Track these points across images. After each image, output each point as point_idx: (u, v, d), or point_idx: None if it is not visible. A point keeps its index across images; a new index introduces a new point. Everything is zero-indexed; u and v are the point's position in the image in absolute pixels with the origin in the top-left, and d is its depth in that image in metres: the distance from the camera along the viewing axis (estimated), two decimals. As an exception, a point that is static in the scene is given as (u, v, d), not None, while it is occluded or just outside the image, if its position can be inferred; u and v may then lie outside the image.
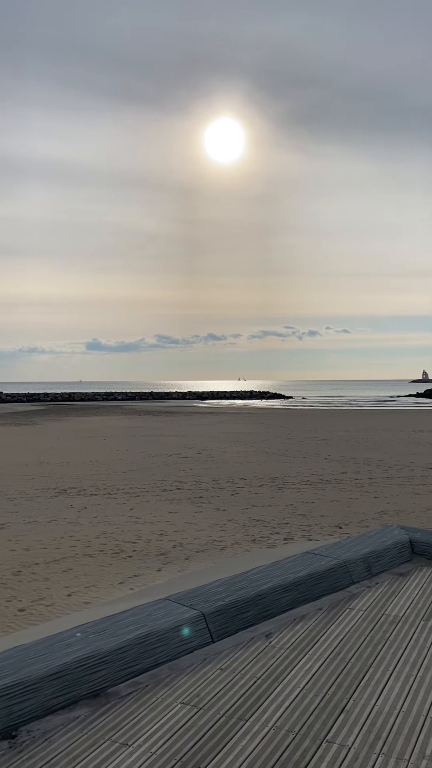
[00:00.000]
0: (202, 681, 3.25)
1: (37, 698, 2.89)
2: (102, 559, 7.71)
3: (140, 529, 9.34)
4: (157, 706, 3.00)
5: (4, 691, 2.80)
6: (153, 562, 7.61)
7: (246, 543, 8.51)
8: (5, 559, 7.70)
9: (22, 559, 7.70)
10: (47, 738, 2.73)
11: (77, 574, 7.09)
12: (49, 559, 7.72)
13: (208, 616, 3.76)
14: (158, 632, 3.50)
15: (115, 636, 3.39)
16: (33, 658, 3.09)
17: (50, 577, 7.00)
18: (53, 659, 3.10)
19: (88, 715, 2.92)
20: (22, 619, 5.72)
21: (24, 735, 2.74)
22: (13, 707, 2.80)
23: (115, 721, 2.87)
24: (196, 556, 7.84)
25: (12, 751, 2.63)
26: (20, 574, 7.09)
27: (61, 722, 2.86)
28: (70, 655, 3.15)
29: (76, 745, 2.67)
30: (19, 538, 8.79)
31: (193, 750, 2.65)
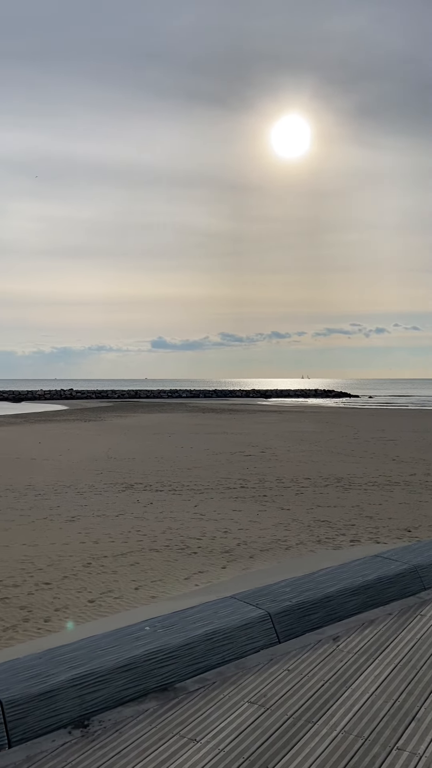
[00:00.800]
0: (269, 681, 3.24)
1: (107, 689, 2.96)
2: (168, 555, 7.82)
3: (205, 526, 9.41)
4: (225, 704, 3.02)
5: (77, 680, 2.89)
6: (218, 559, 7.66)
7: (311, 543, 8.43)
8: (76, 551, 7.93)
9: (91, 552, 7.91)
10: (118, 729, 2.80)
11: (144, 568, 7.22)
12: (117, 552, 7.90)
13: (275, 616, 3.75)
14: (225, 630, 3.52)
15: (182, 632, 3.44)
16: (104, 650, 3.17)
17: (118, 570, 7.16)
18: (123, 651, 3.17)
19: (156, 708, 2.97)
20: (92, 610, 5.87)
21: (96, 725, 2.81)
22: (86, 697, 2.88)
23: (183, 716, 2.91)
24: (261, 555, 7.83)
25: (84, 740, 2.71)
26: (90, 566, 7.28)
27: (130, 714, 2.92)
28: (139, 648, 3.21)
29: (145, 738, 2.72)
30: (89, 531, 9.03)
31: (260, 750, 2.65)
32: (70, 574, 6.99)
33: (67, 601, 6.15)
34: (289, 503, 11.21)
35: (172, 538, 8.66)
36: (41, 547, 8.13)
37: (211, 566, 7.36)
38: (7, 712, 2.65)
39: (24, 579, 6.82)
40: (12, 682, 2.80)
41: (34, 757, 2.57)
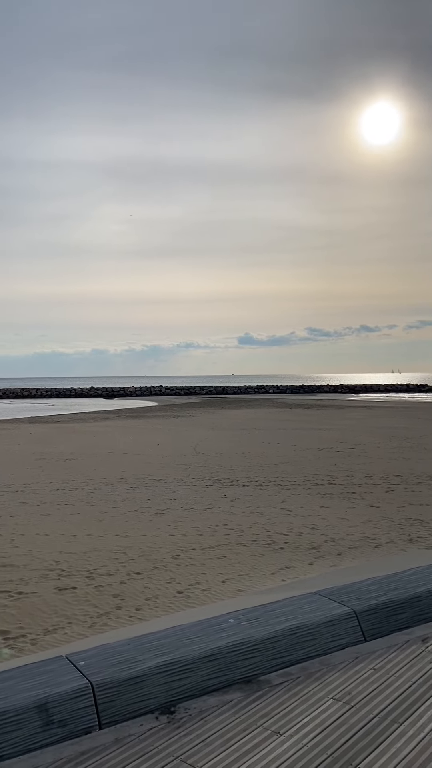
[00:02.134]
0: (355, 679, 3.21)
1: (193, 678, 3.04)
2: (255, 549, 7.86)
3: (292, 521, 9.38)
4: (309, 699, 3.01)
5: (163, 667, 2.98)
6: (305, 555, 7.62)
7: (402, 542, 8.20)
8: (165, 543, 8.14)
9: (180, 544, 8.09)
10: (203, 717, 2.86)
11: (231, 562, 7.30)
12: (204, 545, 8.03)
13: (360, 614, 3.70)
14: (309, 625, 3.51)
15: (266, 625, 3.46)
16: (189, 639, 3.25)
17: (206, 562, 7.29)
18: (208, 642, 3.24)
19: (240, 699, 3.02)
20: (180, 601, 6.01)
21: (182, 712, 2.89)
22: (172, 684, 2.97)
23: (266, 709, 2.93)
24: (349, 553, 7.71)
25: (170, 726, 2.79)
26: (179, 558, 7.45)
27: (215, 704, 2.98)
28: (223, 639, 3.27)
29: (229, 728, 2.77)
30: (178, 523, 9.23)
31: (345, 747, 2.63)
32: (159, 565, 7.19)
33: (156, 591, 6.33)
34: (379, 501, 10.95)
35: (259, 533, 8.70)
36: (133, 539, 8.41)
37: (298, 562, 7.34)
38: (98, 695, 2.78)
39: (117, 568, 7.09)
40: (102, 666, 2.94)
41: (122, 739, 2.68)
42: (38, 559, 7.49)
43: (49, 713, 2.64)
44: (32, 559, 7.53)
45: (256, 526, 9.10)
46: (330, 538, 8.42)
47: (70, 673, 2.87)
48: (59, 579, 6.74)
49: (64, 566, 7.21)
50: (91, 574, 6.89)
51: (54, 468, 15.55)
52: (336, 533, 8.66)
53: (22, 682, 2.78)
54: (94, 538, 8.47)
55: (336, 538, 8.38)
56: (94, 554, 7.70)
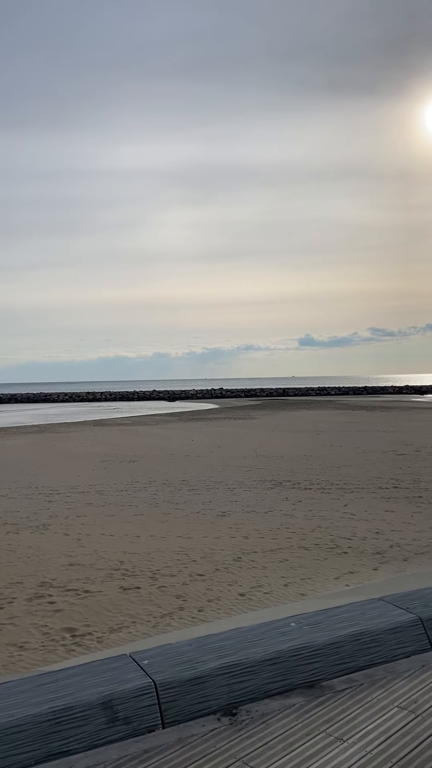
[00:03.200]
0: (421, 688, 3.12)
1: (254, 681, 3.04)
2: (317, 553, 7.78)
3: (355, 525, 9.22)
4: (373, 706, 2.96)
5: (225, 669, 3.00)
6: (369, 560, 7.47)
7: (471, 548, 7.92)
8: (227, 545, 8.16)
9: (241, 546, 8.10)
10: (265, 721, 2.86)
11: (293, 566, 7.25)
12: (266, 548, 8.01)
13: (427, 621, 3.60)
14: (373, 632, 3.44)
15: (329, 630, 3.42)
16: (251, 642, 3.25)
17: (268, 565, 7.26)
18: (269, 645, 3.23)
19: (303, 704, 3.00)
20: (243, 604, 6.02)
21: (243, 714, 2.90)
22: (234, 686, 2.98)
23: (329, 715, 2.90)
24: (416, 559, 7.51)
25: (232, 728, 2.80)
26: (240, 561, 7.46)
27: (277, 707, 2.97)
28: (285, 643, 3.26)
29: (291, 732, 2.76)
30: (239, 526, 9.24)
31: (410, 756, 2.57)
32: (221, 567, 7.21)
33: (219, 593, 6.36)
34: (446, 504, 10.62)
35: (322, 536, 8.60)
36: (195, 540, 8.48)
37: (362, 567, 7.21)
38: (161, 694, 2.82)
39: (179, 569, 7.16)
40: (165, 666, 2.98)
41: (185, 739, 2.71)
42: (103, 559, 7.67)
43: (114, 710, 2.70)
44: (98, 558, 7.71)
45: (319, 529, 9.00)
46: (395, 543, 8.23)
47: (133, 672, 2.92)
48: (124, 579, 6.87)
49: (128, 566, 7.35)
50: (155, 575, 6.99)
51: (118, 470, 15.87)
52: (402, 538, 8.45)
53: (87, 678, 2.86)
54: (157, 539, 8.60)
55: (402, 544, 8.18)
56: (157, 555, 7.80)
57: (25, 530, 9.31)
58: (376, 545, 8.12)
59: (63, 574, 7.06)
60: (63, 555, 7.88)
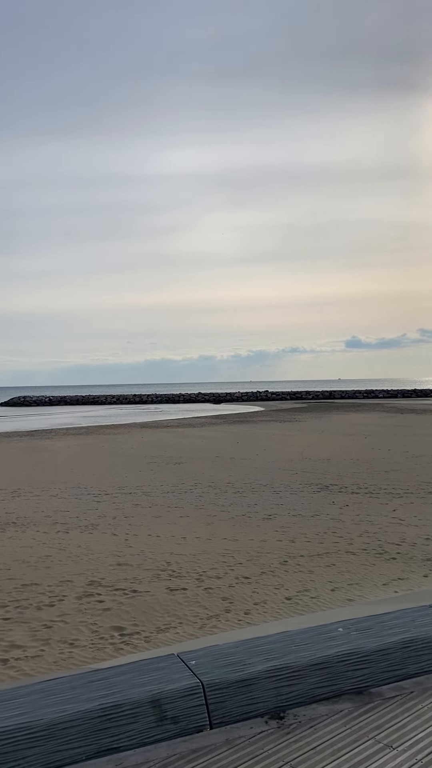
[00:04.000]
0: (473, 698, 3.05)
1: (302, 685, 3.03)
2: (365, 558, 7.67)
3: (404, 531, 9.05)
4: (423, 715, 2.91)
5: (273, 672, 2.99)
6: (419, 566, 7.33)
7: None
8: (273, 548, 8.14)
9: (288, 550, 8.06)
10: (312, 725, 2.84)
11: (340, 570, 7.17)
12: (312, 552, 7.95)
13: None
14: (424, 639, 3.38)
15: (378, 636, 3.38)
16: (298, 646, 3.24)
17: (314, 570, 7.21)
18: (317, 650, 3.21)
19: (351, 710, 2.97)
20: (289, 608, 5.99)
21: (291, 718, 2.89)
22: (281, 689, 2.97)
23: (378, 722, 2.86)
24: (467, 565, 7.33)
25: (280, 731, 2.80)
26: (287, 564, 7.43)
27: (325, 712, 2.95)
28: (333, 648, 3.23)
29: (340, 738, 2.74)
30: (285, 529, 9.20)
31: (463, 768, 2.51)
32: (267, 571, 7.20)
33: (265, 596, 6.34)
34: None
35: (369, 541, 8.48)
36: (240, 543, 8.48)
37: (411, 573, 7.07)
38: (209, 695, 2.84)
39: (225, 572, 7.18)
40: (212, 667, 3.00)
41: (233, 741, 2.72)
42: (150, 560, 7.75)
43: (162, 709, 2.73)
44: (145, 559, 7.80)
45: (366, 534, 8.87)
46: (446, 549, 8.04)
47: (181, 672, 2.95)
48: (170, 580, 6.93)
49: (174, 567, 7.41)
50: (201, 576, 7.02)
51: (164, 471, 16.02)
52: (452, 544, 8.25)
53: (136, 677, 2.90)
54: (202, 541, 8.64)
55: (452, 550, 7.99)
56: (203, 557, 7.84)
57: (74, 530, 9.50)
58: (426, 551, 7.95)
59: (111, 574, 7.17)
60: (111, 555, 8.00)
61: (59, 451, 22.62)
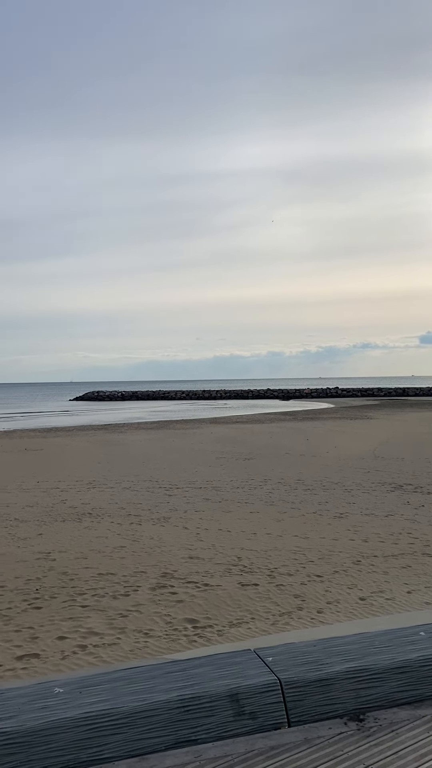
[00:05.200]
0: None
1: (382, 688, 2.95)
2: (442, 561, 7.42)
3: None
4: None
5: (351, 673, 2.93)
6: None
7: None
8: (345, 548, 8.00)
9: (361, 550, 7.90)
10: (394, 729, 2.76)
11: (417, 573, 6.96)
12: (387, 553, 7.76)
13: None
14: None
15: (462, 643, 3.25)
16: (377, 648, 3.16)
17: (389, 571, 7.03)
18: (397, 653, 3.11)
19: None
20: (363, 608, 5.87)
21: (371, 721, 2.82)
22: (361, 691, 2.91)
23: (464, 731, 2.75)
24: None
25: (360, 734, 2.74)
26: (360, 564, 7.28)
27: (406, 717, 2.86)
28: (414, 652, 3.13)
29: (423, 744, 2.65)
30: (358, 528, 9.03)
31: None
32: (340, 570, 7.08)
33: (338, 595, 6.24)
34: None
35: (447, 543, 8.19)
36: (312, 540, 8.39)
37: None
38: (287, 693, 2.81)
39: (297, 569, 7.12)
40: (289, 665, 2.96)
41: (312, 740, 2.68)
42: (221, 554, 7.79)
43: (240, 704, 2.72)
44: (216, 553, 7.84)
45: (444, 536, 8.58)
46: None
47: (258, 668, 2.94)
48: (241, 575, 6.94)
49: (245, 562, 7.41)
50: (272, 573, 6.99)
51: (233, 467, 16.07)
52: None
53: (213, 670, 2.91)
54: (273, 538, 8.60)
55: None
56: (274, 553, 7.81)
57: (147, 522, 9.67)
58: None
59: (183, 566, 7.25)
60: (183, 548, 8.09)
61: (131, 445, 23.11)
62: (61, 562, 7.53)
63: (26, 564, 7.46)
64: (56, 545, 8.32)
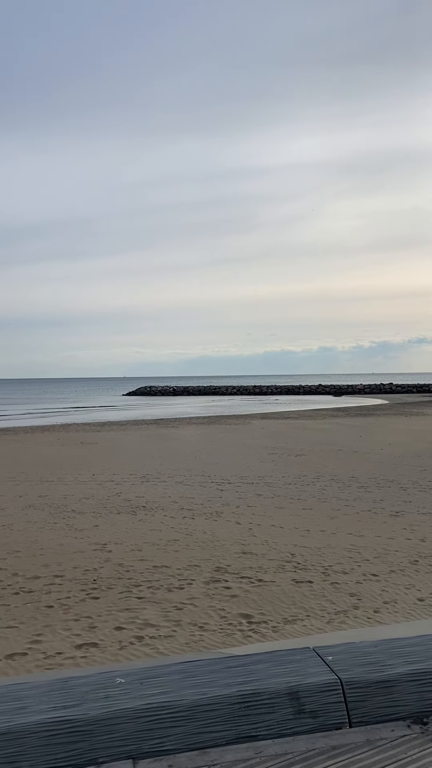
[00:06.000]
0: None
1: None
2: None
3: None
4: None
5: (415, 676, 2.86)
6: None
7: None
8: (402, 547, 7.84)
9: (418, 549, 7.72)
10: (459, 735, 2.69)
11: None
12: (445, 553, 7.56)
13: None
14: None
15: None
16: (440, 651, 3.07)
17: (448, 572, 6.85)
18: (462, 657, 3.02)
19: None
20: (422, 609, 5.74)
21: (435, 725, 2.75)
22: (425, 694, 2.83)
23: None
24: None
25: (424, 737, 2.67)
26: (417, 564, 7.12)
27: (473, 723, 2.77)
28: None
29: None
30: (414, 527, 8.83)
31: None
32: (396, 569, 6.94)
33: (395, 595, 6.12)
34: None
35: None
36: (367, 539, 8.25)
37: None
38: (348, 693, 2.77)
39: (352, 567, 7.02)
40: (350, 665, 2.91)
41: (374, 742, 2.63)
42: (274, 550, 7.75)
43: (301, 702, 2.69)
44: (269, 549, 7.81)
45: None
46: None
47: (318, 666, 2.90)
48: (295, 571, 6.89)
49: (299, 559, 7.36)
50: (326, 570, 6.92)
51: (285, 463, 15.98)
52: None
53: (272, 667, 2.89)
54: (327, 535, 8.51)
55: None
56: (327, 551, 7.72)
57: (200, 516, 9.73)
58: None
59: (237, 561, 7.26)
60: (236, 543, 8.10)
61: (183, 439, 23.29)
62: (116, 553, 7.65)
63: (83, 555, 7.62)
64: (112, 537, 8.47)
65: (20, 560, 7.46)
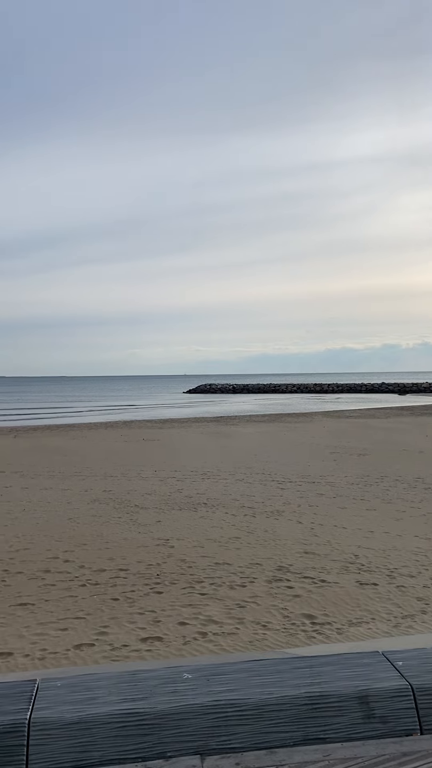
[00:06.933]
0: None
1: None
2: None
3: None
4: None
5: None
6: None
7: None
8: (470, 551, 7.57)
9: None
10: None
11: None
12: None
13: None
14: None
15: None
16: None
17: None
18: None
19: None
20: None
21: None
22: None
23: None
24: None
25: None
26: None
27: None
28: None
29: None
30: None
31: None
32: (466, 574, 6.71)
33: (464, 601, 5.92)
34: None
35: None
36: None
37: None
38: (419, 700, 2.70)
39: (419, 571, 6.84)
40: (422, 671, 2.84)
41: (446, 750, 2.55)
42: (337, 551, 7.64)
43: (370, 707, 2.65)
44: (332, 549, 7.71)
45: None
46: None
47: (387, 671, 2.84)
48: (359, 573, 6.77)
49: (363, 561, 7.22)
50: (392, 573, 6.76)
51: (347, 462, 15.73)
52: None
53: (341, 670, 2.85)
54: (392, 537, 8.31)
55: None
56: (393, 553, 7.55)
57: (260, 514, 9.70)
58: None
59: (299, 561, 7.19)
60: (297, 542, 8.03)
61: (243, 437, 23.30)
62: (179, 549, 7.73)
63: (147, 549, 7.74)
64: (174, 533, 8.56)
65: (87, 553, 7.64)
